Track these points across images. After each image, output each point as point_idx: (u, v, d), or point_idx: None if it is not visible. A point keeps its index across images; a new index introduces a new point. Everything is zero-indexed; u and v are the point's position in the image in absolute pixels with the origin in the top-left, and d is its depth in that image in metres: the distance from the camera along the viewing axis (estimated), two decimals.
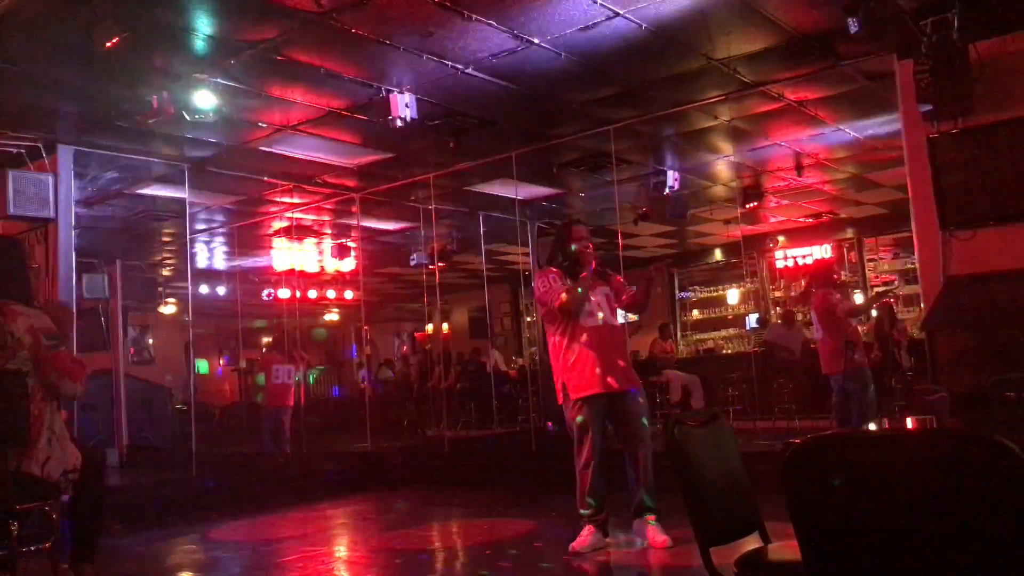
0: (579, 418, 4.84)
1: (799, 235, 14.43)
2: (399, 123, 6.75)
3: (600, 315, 4.93)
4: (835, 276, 7.95)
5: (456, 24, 5.71)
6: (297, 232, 11.84)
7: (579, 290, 4.86)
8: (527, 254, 11.99)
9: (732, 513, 2.37)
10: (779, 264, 14.83)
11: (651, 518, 4.77)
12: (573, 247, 5.03)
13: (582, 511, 4.85)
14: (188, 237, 9.58)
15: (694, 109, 7.82)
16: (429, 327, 16.91)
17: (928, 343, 6.06)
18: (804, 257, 14.47)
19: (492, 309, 15.94)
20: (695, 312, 16.30)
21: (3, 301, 3.47)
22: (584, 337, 4.87)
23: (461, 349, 16.29)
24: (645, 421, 4.91)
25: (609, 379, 4.81)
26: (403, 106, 6.72)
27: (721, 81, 7.18)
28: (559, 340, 4.97)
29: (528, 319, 16.51)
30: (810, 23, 6.13)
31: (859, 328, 8.35)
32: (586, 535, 4.77)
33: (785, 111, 7.99)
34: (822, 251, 14.32)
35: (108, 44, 5.13)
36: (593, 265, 4.99)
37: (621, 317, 5.18)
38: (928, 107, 5.74)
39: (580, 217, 5.22)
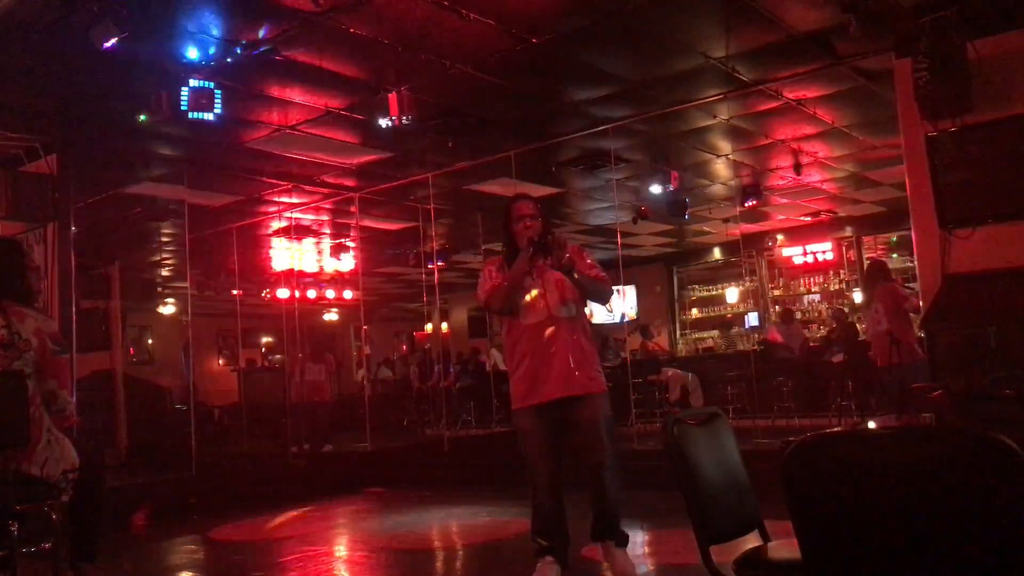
0: (521, 433, 4.06)
1: (798, 233, 14.45)
2: (398, 123, 6.75)
3: (541, 308, 4.03)
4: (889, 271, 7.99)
5: (454, 23, 5.70)
6: (296, 232, 11.84)
7: (508, 285, 4.04)
8: None
9: (732, 512, 2.38)
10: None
11: (611, 543, 4.03)
12: (515, 229, 4.15)
13: (534, 543, 4.05)
14: (187, 237, 9.58)
15: (693, 108, 7.83)
16: (428, 327, 16.91)
17: (927, 341, 6.06)
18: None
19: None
20: (694, 311, 16.32)
21: (8, 302, 3.47)
22: (523, 336, 4.05)
23: (460, 348, 16.30)
24: (601, 432, 3.98)
25: (551, 386, 3.95)
26: (401, 106, 6.72)
27: (720, 80, 7.18)
28: (504, 339, 4.24)
29: None
30: (809, 21, 6.14)
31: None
32: (540, 570, 3.97)
33: (784, 110, 7.99)
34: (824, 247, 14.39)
35: (106, 44, 5.13)
36: (530, 246, 4.02)
37: (573, 307, 4.13)
38: (926, 105, 5.74)
39: (524, 193, 4.05)
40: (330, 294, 16.20)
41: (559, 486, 4.02)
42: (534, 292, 4.06)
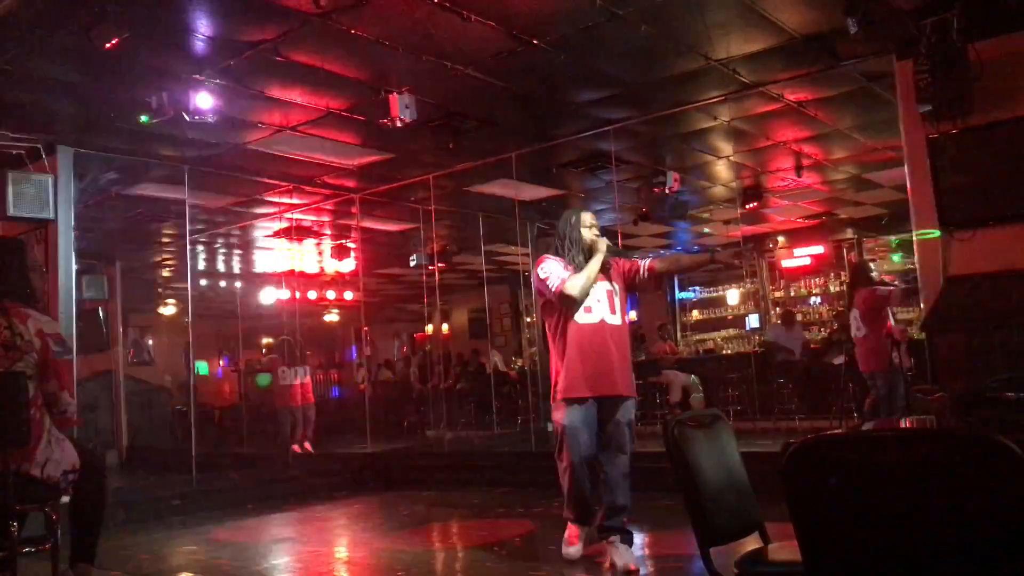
0: (563, 420, 4.49)
1: (799, 235, 14.44)
2: (399, 124, 6.75)
3: (597, 312, 4.49)
4: (871, 272, 7.75)
5: (456, 25, 5.70)
6: (297, 233, 11.84)
7: (586, 276, 4.44)
8: (527, 255, 12.00)
9: (732, 513, 2.37)
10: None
11: (614, 539, 4.42)
12: (584, 234, 4.62)
13: (566, 515, 4.66)
14: (188, 238, 9.58)
15: (694, 109, 7.82)
16: (429, 328, 16.91)
17: (928, 343, 6.06)
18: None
19: (492, 310, 15.94)
20: (695, 313, 16.33)
21: (11, 303, 3.46)
22: (576, 334, 4.46)
23: (461, 350, 16.29)
24: (628, 434, 4.51)
25: (599, 382, 4.43)
26: (403, 107, 6.71)
27: (721, 81, 7.17)
28: (553, 335, 4.59)
29: (528, 319, 16.53)
30: (810, 23, 6.13)
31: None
32: (574, 533, 4.63)
33: (785, 111, 7.99)
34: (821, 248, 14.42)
35: (108, 45, 5.13)
36: (608, 252, 4.60)
37: (620, 316, 4.64)
38: (928, 107, 5.73)
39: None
40: (331, 295, 16.20)
41: (590, 469, 4.52)
42: (598, 296, 4.51)
